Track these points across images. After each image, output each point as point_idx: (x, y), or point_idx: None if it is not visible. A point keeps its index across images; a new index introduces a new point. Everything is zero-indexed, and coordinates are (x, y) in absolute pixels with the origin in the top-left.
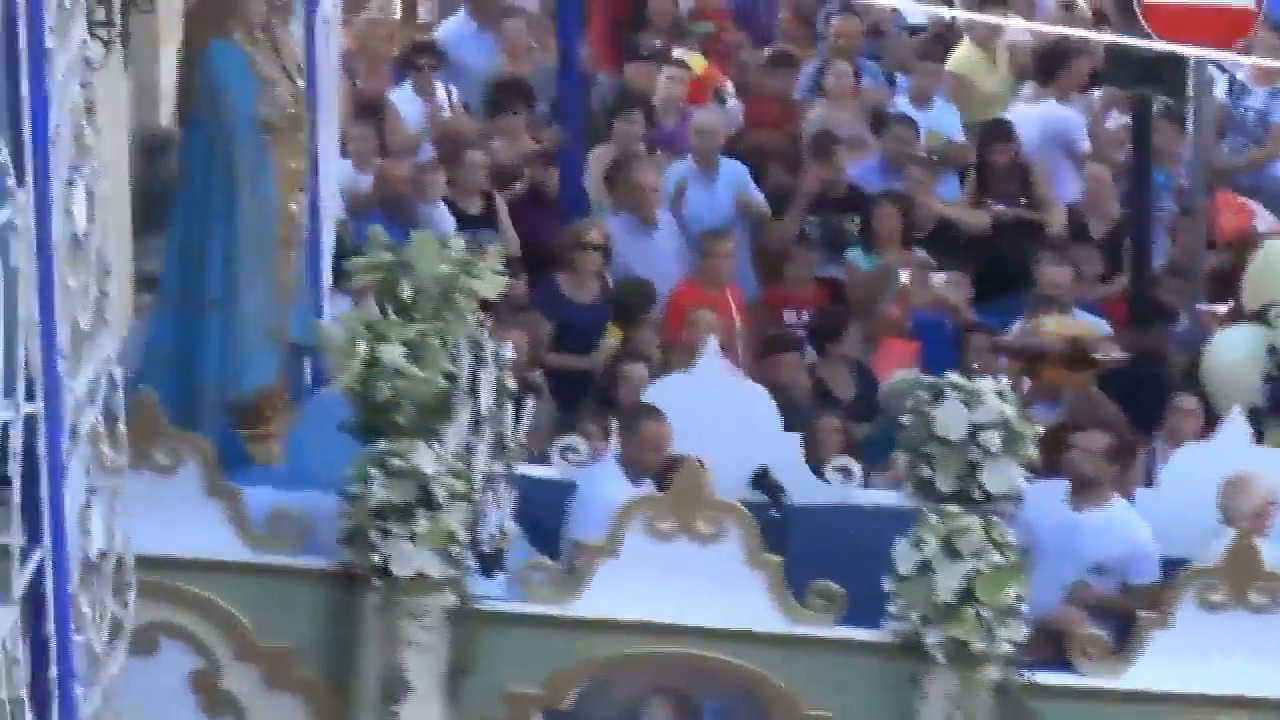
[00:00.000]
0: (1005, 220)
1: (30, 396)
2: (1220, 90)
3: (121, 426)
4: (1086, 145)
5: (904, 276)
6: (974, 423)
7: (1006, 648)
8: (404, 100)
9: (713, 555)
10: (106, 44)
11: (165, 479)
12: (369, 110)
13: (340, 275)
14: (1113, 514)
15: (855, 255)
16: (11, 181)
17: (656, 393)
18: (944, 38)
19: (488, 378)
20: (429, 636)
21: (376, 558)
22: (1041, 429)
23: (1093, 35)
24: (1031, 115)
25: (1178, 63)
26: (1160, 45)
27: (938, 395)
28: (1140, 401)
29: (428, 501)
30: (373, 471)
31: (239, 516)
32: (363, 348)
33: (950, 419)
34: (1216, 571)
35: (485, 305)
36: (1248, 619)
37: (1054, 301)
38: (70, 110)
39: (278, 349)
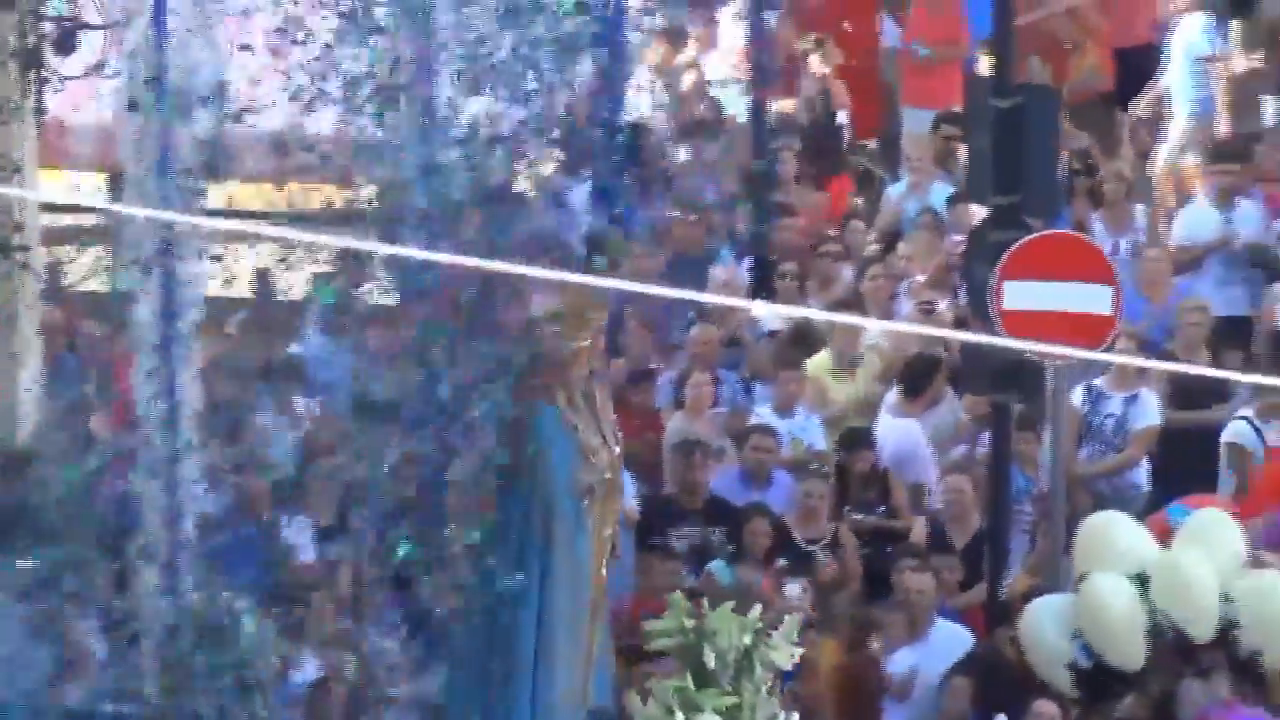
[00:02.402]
0: (864, 528)
1: None
2: (1078, 397)
3: None
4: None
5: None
6: None
7: None
8: None
9: None
10: None
11: None
12: None
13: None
14: None
15: (717, 567)
16: None
17: None
18: (803, 342)
19: None
20: None
21: None
22: None
23: (953, 334)
24: (894, 425)
25: (1034, 369)
26: (1021, 345)
27: None
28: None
29: None
30: None
31: None
32: (680, 718)
33: None
34: None
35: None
36: None
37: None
38: None
39: (581, 715)
